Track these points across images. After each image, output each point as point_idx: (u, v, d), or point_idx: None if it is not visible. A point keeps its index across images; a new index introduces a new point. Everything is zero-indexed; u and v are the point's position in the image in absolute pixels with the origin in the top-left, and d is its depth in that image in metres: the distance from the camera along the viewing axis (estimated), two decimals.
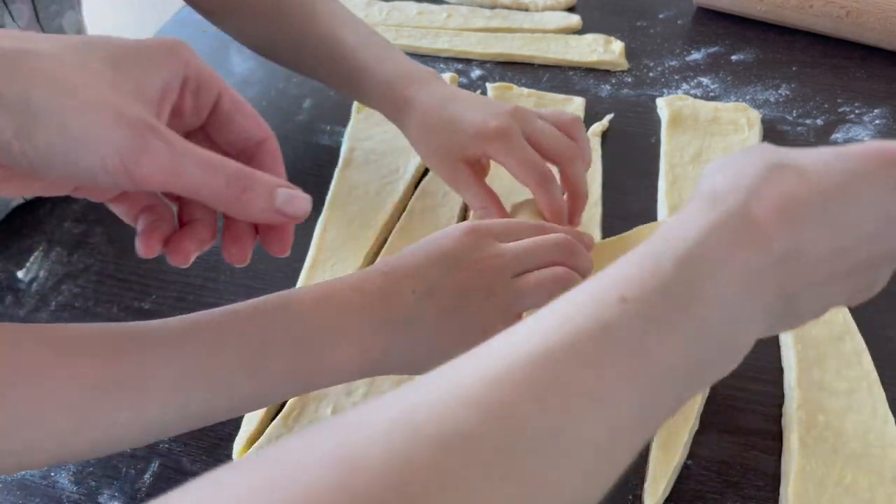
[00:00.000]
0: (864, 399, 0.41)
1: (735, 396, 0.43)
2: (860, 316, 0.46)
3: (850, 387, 0.42)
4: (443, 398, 0.20)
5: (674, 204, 0.53)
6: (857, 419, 0.40)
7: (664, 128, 0.61)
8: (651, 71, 0.69)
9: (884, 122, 0.61)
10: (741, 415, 0.42)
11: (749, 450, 0.40)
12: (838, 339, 0.44)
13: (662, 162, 0.58)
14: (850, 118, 0.62)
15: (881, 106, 0.63)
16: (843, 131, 0.61)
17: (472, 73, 0.69)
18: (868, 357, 0.43)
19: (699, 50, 0.71)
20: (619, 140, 0.61)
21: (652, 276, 0.24)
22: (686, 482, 0.39)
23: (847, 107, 0.63)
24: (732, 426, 0.41)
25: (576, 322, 0.22)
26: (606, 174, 0.57)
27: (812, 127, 0.61)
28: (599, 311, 0.22)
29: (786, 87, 0.66)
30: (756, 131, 0.59)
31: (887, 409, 0.41)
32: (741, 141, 0.59)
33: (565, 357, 0.21)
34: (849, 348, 0.44)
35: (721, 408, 0.42)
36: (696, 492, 0.39)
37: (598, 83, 0.67)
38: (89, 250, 0.54)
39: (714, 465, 0.40)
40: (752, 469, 0.39)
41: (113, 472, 0.41)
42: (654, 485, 0.38)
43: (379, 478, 0.17)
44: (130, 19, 2.10)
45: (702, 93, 0.66)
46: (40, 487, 0.40)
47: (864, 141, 0.59)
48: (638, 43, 0.72)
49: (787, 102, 0.64)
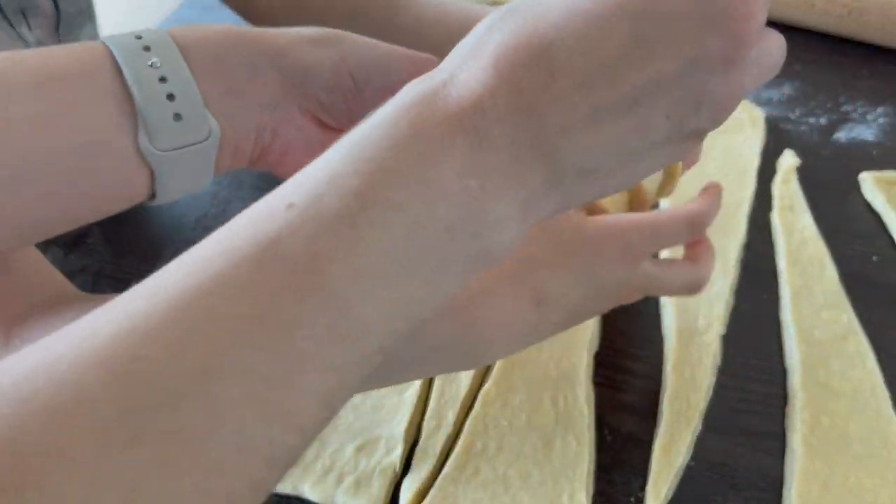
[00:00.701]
0: (869, 400, 0.41)
1: (738, 398, 0.42)
2: (865, 316, 0.45)
3: (855, 388, 0.41)
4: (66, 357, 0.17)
5: (675, 203, 0.53)
6: (861, 420, 0.40)
7: None
8: None
9: (887, 121, 0.61)
10: (744, 416, 0.41)
11: (752, 451, 0.40)
12: (842, 339, 0.44)
13: None
14: (853, 117, 0.62)
15: (884, 104, 0.63)
16: (846, 130, 0.60)
17: None
18: (872, 358, 0.43)
19: None
20: None
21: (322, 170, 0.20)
22: (689, 484, 0.39)
23: (850, 105, 0.63)
24: (735, 427, 0.41)
25: (233, 243, 0.19)
26: None
27: (815, 125, 0.61)
28: (261, 226, 0.19)
29: (789, 86, 0.65)
30: (759, 130, 0.59)
31: (892, 410, 0.40)
32: (744, 140, 0.58)
33: (217, 289, 0.18)
34: (853, 349, 0.43)
35: (724, 409, 0.42)
36: (699, 493, 0.38)
37: None
38: (86, 250, 0.53)
39: (717, 467, 0.39)
40: (756, 470, 0.39)
41: None
42: (657, 487, 0.38)
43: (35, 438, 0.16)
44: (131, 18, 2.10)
45: None
46: None
47: (867, 140, 0.59)
48: None
49: (790, 101, 0.64)
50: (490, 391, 0.42)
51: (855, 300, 0.46)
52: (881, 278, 0.48)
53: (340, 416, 0.41)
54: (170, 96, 0.29)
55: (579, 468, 0.38)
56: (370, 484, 0.38)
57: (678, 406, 0.41)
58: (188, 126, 0.29)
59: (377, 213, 0.20)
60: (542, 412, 0.41)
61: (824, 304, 0.46)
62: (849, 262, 0.49)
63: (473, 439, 0.40)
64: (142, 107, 0.29)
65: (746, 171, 0.56)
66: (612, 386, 0.43)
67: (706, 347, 0.44)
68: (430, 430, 0.40)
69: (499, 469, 0.38)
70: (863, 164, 0.56)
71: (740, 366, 0.44)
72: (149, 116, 0.29)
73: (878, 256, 0.50)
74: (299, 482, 0.38)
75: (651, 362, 0.44)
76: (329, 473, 0.38)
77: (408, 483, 0.38)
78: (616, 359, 0.45)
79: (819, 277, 0.48)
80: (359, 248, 0.20)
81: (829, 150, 0.59)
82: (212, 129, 0.30)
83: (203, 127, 0.30)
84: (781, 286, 0.48)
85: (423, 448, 0.40)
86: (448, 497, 0.37)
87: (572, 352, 0.44)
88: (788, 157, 0.57)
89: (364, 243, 0.20)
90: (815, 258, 0.49)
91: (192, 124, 0.30)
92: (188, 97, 0.29)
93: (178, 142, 0.29)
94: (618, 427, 0.41)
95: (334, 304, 0.19)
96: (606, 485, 0.39)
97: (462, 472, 0.38)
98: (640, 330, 0.46)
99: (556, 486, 0.38)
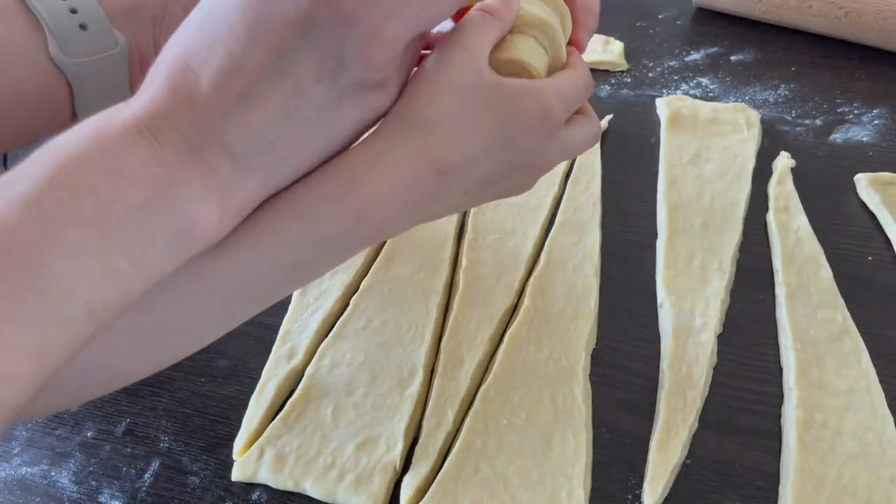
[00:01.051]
0: (863, 398, 0.41)
1: (734, 396, 0.43)
2: (859, 316, 0.46)
3: (849, 386, 0.42)
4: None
5: (673, 204, 0.54)
6: (856, 419, 0.40)
7: (663, 128, 0.61)
8: (650, 71, 0.69)
9: (882, 122, 0.61)
10: (740, 414, 0.42)
11: (748, 449, 0.40)
12: (837, 339, 0.44)
13: (661, 162, 0.58)
14: (849, 118, 0.62)
15: (880, 106, 0.63)
16: (842, 131, 0.61)
17: None
18: (867, 356, 0.43)
19: (698, 50, 0.71)
20: (618, 140, 0.61)
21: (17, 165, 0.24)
22: (685, 481, 0.39)
23: (846, 107, 0.63)
24: (731, 426, 0.41)
25: None
26: (606, 174, 0.57)
27: (811, 127, 0.62)
28: None
29: (785, 88, 0.66)
30: (755, 131, 0.59)
31: (886, 408, 0.41)
32: (740, 141, 0.59)
33: None
34: (848, 348, 0.44)
35: (720, 407, 0.42)
36: (696, 491, 0.39)
37: (597, 83, 0.67)
38: None
39: (713, 465, 0.40)
40: (751, 468, 0.39)
41: (113, 471, 0.41)
42: (653, 484, 0.38)
43: None
44: None
45: (701, 93, 0.66)
46: (40, 487, 0.40)
47: (863, 141, 0.60)
48: (637, 43, 0.72)
49: (786, 102, 0.64)
50: (489, 389, 0.42)
51: (850, 300, 0.47)
52: (876, 278, 0.49)
53: (341, 414, 0.41)
54: (72, 10, 0.33)
55: (577, 465, 0.39)
56: (371, 481, 0.38)
57: (675, 404, 0.41)
58: (94, 35, 0.33)
59: (66, 193, 0.23)
60: (541, 410, 0.41)
61: (819, 303, 0.46)
62: (844, 263, 0.49)
63: (473, 437, 0.40)
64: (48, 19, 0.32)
65: (742, 172, 0.56)
66: (610, 384, 0.44)
67: (702, 346, 0.44)
68: (430, 428, 0.41)
69: (498, 467, 0.39)
70: (858, 166, 0.57)
71: (736, 364, 0.44)
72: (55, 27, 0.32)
73: (873, 257, 0.50)
74: (301, 479, 0.39)
75: (648, 361, 0.45)
76: (330, 471, 0.39)
77: (408, 480, 0.39)
78: (614, 357, 0.45)
79: (814, 277, 0.48)
80: (49, 220, 0.23)
81: (824, 151, 0.59)
82: (118, 39, 0.34)
83: (109, 37, 0.34)
84: (777, 286, 0.48)
85: (423, 446, 0.40)
86: (448, 495, 0.38)
87: (570, 350, 0.44)
88: (784, 159, 0.57)
89: (54, 216, 0.23)
90: (810, 258, 0.49)
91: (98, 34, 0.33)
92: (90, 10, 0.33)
93: (87, 51, 0.33)
94: (615, 425, 0.42)
95: (26, 262, 0.22)
96: (604, 482, 0.39)
97: (462, 469, 0.39)
98: (637, 329, 0.47)
99: (554, 483, 0.38)
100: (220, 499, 0.39)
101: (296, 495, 0.39)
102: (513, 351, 0.44)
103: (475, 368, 0.44)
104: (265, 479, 0.39)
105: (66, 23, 0.33)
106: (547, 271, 0.49)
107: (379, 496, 0.38)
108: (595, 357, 0.45)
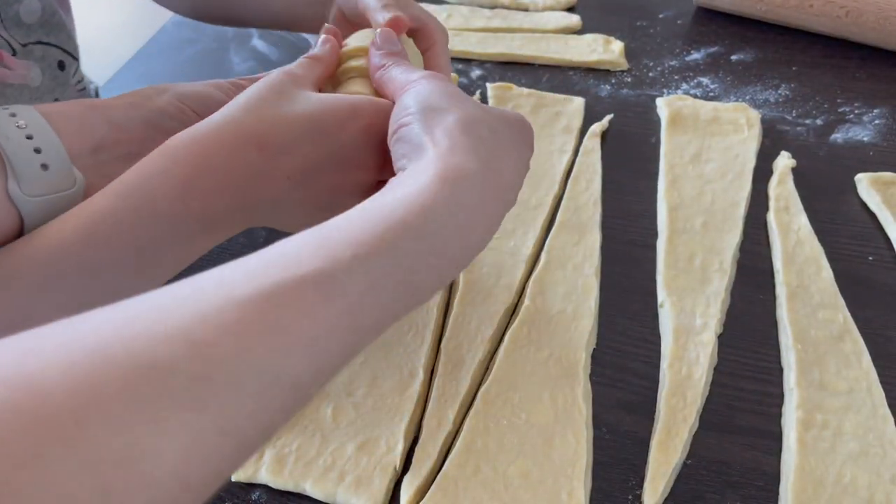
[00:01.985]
0: (864, 399, 0.41)
1: (735, 396, 0.43)
2: (860, 316, 0.46)
3: (850, 386, 0.42)
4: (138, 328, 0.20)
5: (673, 204, 0.53)
6: (856, 419, 0.40)
7: (664, 128, 0.61)
8: (651, 71, 0.69)
9: (883, 122, 0.61)
10: (741, 414, 0.42)
11: (749, 449, 0.40)
12: (838, 339, 0.44)
13: (662, 162, 0.58)
14: (849, 118, 0.62)
15: (881, 106, 0.63)
16: (842, 131, 0.61)
17: (472, 73, 0.69)
18: (867, 357, 0.43)
19: (699, 50, 0.71)
20: (618, 140, 0.61)
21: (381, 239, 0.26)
22: (685, 482, 0.39)
23: (847, 107, 0.63)
24: (732, 426, 0.41)
25: (302, 268, 0.23)
26: (606, 174, 0.57)
27: (812, 127, 0.61)
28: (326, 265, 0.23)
29: (785, 87, 0.66)
30: (756, 131, 0.59)
31: (887, 408, 0.41)
32: (741, 141, 0.59)
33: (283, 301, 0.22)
34: (848, 348, 0.44)
35: (721, 407, 0.42)
36: (696, 491, 0.39)
37: (597, 83, 0.67)
38: None
39: (714, 465, 0.40)
40: (752, 468, 0.39)
41: None
42: (654, 484, 0.38)
43: (57, 400, 0.17)
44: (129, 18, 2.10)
45: (701, 93, 0.66)
46: None
47: (863, 141, 0.60)
48: (638, 43, 0.72)
49: (786, 102, 0.64)
50: (490, 390, 0.42)
51: (850, 300, 0.47)
52: (876, 278, 0.49)
53: (341, 414, 0.41)
54: (37, 150, 0.34)
55: (578, 465, 0.39)
56: (371, 482, 0.38)
57: (675, 404, 0.41)
58: (53, 175, 0.34)
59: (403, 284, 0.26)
60: (542, 410, 0.41)
61: (820, 303, 0.46)
62: (844, 263, 0.49)
63: (473, 437, 0.40)
64: (11, 158, 0.33)
65: (743, 172, 0.56)
66: (610, 384, 0.44)
67: (703, 346, 0.44)
68: (431, 429, 0.41)
69: (498, 467, 0.39)
70: (859, 166, 0.57)
71: (737, 364, 0.44)
72: (17, 165, 0.33)
73: (873, 257, 0.50)
74: (301, 479, 0.39)
75: (648, 361, 0.45)
76: (330, 471, 0.39)
77: (408, 481, 0.39)
78: (614, 357, 0.45)
79: (815, 277, 0.48)
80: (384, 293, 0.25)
81: (825, 151, 0.59)
82: (76, 178, 0.35)
83: (68, 177, 0.34)
84: (777, 286, 0.48)
85: (423, 446, 0.40)
86: (448, 495, 0.38)
87: (571, 350, 0.44)
88: (784, 158, 0.57)
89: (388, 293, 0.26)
90: (810, 258, 0.49)
91: (57, 173, 0.34)
92: (53, 151, 0.34)
93: (45, 189, 0.33)
94: (615, 425, 0.42)
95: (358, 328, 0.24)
96: (604, 482, 0.39)
97: (462, 470, 0.39)
98: (637, 329, 0.47)
99: (555, 483, 0.38)
100: (219, 499, 0.39)
101: (296, 495, 0.39)
102: (513, 351, 0.44)
103: (475, 368, 0.44)
104: (265, 479, 0.39)
105: (29, 162, 0.33)
106: (547, 271, 0.49)
107: (379, 497, 0.38)
108: (595, 357, 0.45)
